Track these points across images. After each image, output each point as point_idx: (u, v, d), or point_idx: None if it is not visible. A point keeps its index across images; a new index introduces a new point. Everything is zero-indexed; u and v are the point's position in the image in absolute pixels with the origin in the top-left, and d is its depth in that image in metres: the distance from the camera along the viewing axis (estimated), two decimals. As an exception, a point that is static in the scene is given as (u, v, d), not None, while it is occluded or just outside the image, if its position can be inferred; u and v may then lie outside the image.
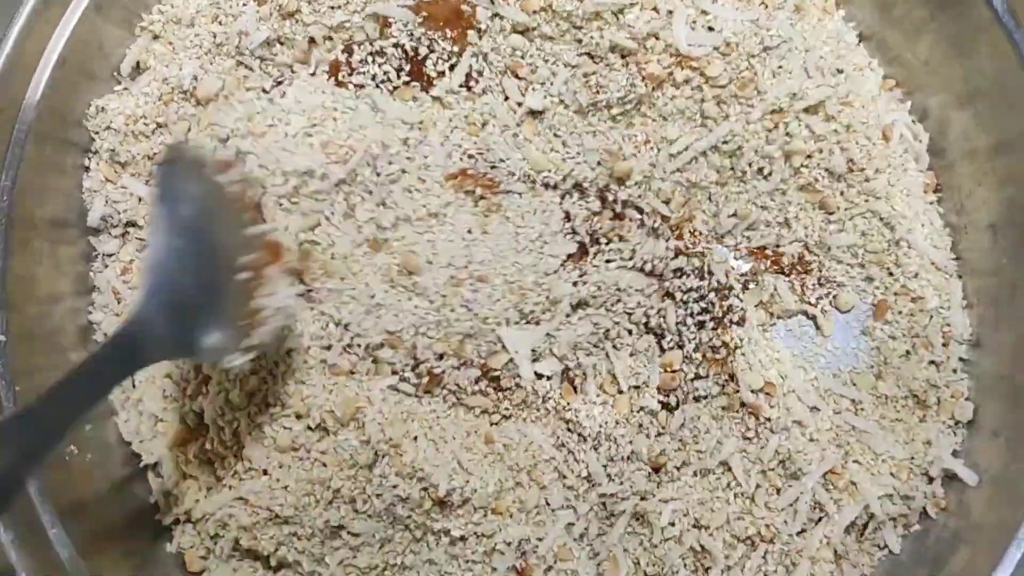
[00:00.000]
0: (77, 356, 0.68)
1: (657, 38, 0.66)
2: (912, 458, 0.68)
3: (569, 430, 0.67)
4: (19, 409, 0.58)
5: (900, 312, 0.70)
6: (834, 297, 0.71)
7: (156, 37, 0.71)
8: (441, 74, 0.68)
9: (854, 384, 0.70)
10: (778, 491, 0.67)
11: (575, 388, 0.68)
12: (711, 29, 0.67)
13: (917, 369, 0.69)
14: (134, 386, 0.69)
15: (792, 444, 0.67)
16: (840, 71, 0.69)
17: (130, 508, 0.69)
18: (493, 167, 0.66)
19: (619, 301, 0.67)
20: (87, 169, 0.70)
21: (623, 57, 0.67)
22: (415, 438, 0.64)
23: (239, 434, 0.65)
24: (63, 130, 0.68)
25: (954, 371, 0.69)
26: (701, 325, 0.68)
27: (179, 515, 0.68)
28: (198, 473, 0.67)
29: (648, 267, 0.67)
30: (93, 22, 0.67)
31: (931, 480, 0.68)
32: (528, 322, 0.66)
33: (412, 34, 0.68)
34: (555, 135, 0.68)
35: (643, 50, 0.66)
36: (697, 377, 0.68)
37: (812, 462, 0.67)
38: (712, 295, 0.68)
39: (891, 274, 0.70)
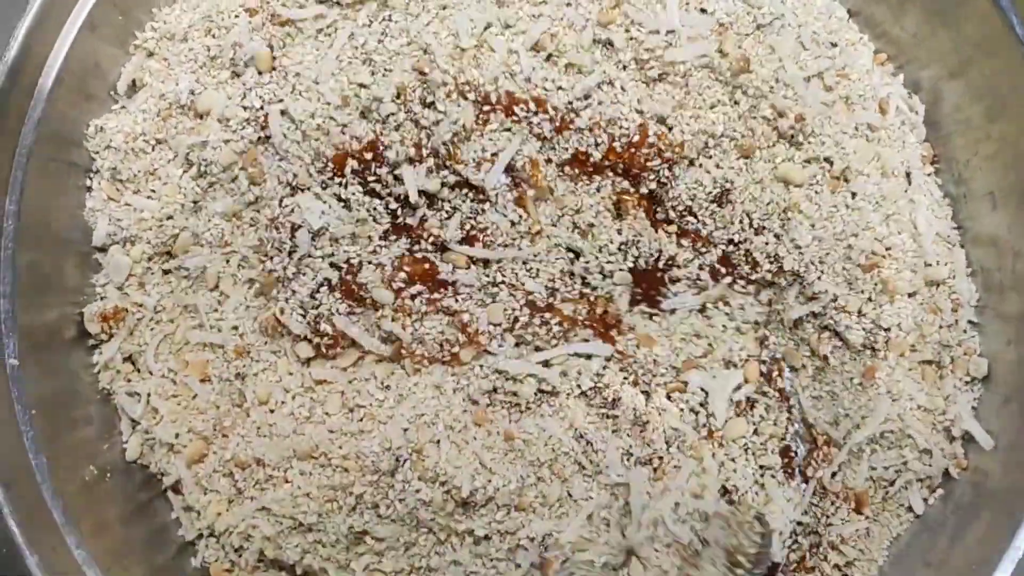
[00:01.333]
0: (88, 378, 0.68)
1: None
2: (934, 412, 0.68)
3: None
4: None
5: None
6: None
7: (151, 54, 0.71)
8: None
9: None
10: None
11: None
12: (703, 11, 0.67)
13: (930, 333, 0.69)
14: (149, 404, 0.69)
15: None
16: (834, 44, 0.70)
17: (154, 525, 0.68)
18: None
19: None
20: (89, 189, 0.70)
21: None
22: (437, 441, 0.64)
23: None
24: (64, 151, 0.68)
25: (964, 331, 0.70)
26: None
27: (202, 529, 0.68)
28: (219, 487, 0.67)
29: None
30: (88, 42, 0.67)
31: (952, 440, 0.69)
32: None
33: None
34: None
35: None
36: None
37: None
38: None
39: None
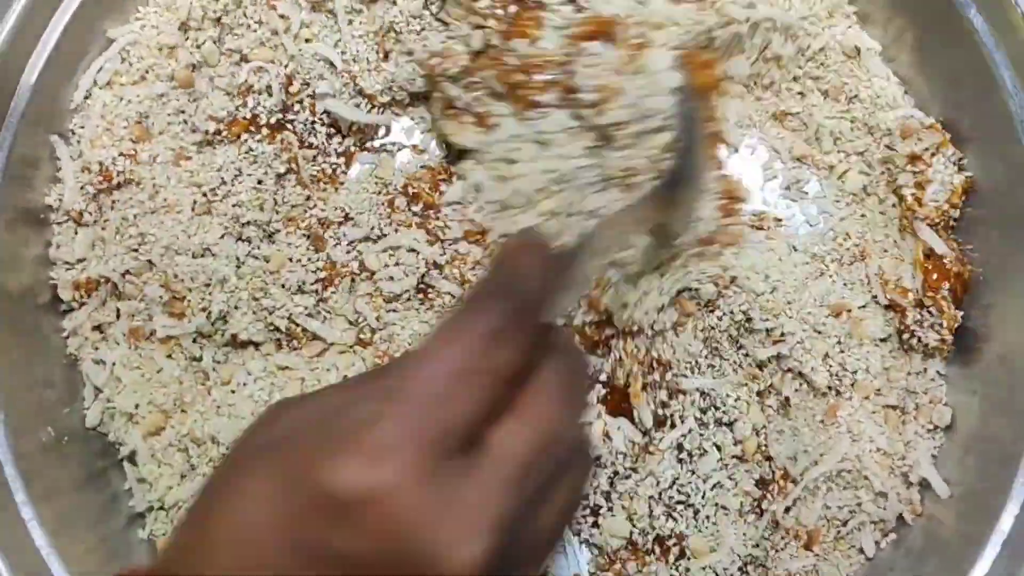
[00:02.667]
0: (56, 342, 0.70)
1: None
2: (893, 456, 0.68)
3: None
4: None
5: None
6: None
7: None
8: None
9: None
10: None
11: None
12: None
13: (897, 379, 0.69)
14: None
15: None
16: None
17: (106, 494, 0.69)
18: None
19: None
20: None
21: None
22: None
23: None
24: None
25: (932, 379, 0.70)
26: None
27: (152, 502, 0.68)
28: (172, 461, 0.68)
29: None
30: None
31: (909, 485, 0.68)
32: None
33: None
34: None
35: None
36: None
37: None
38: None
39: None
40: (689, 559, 0.67)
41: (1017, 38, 0.65)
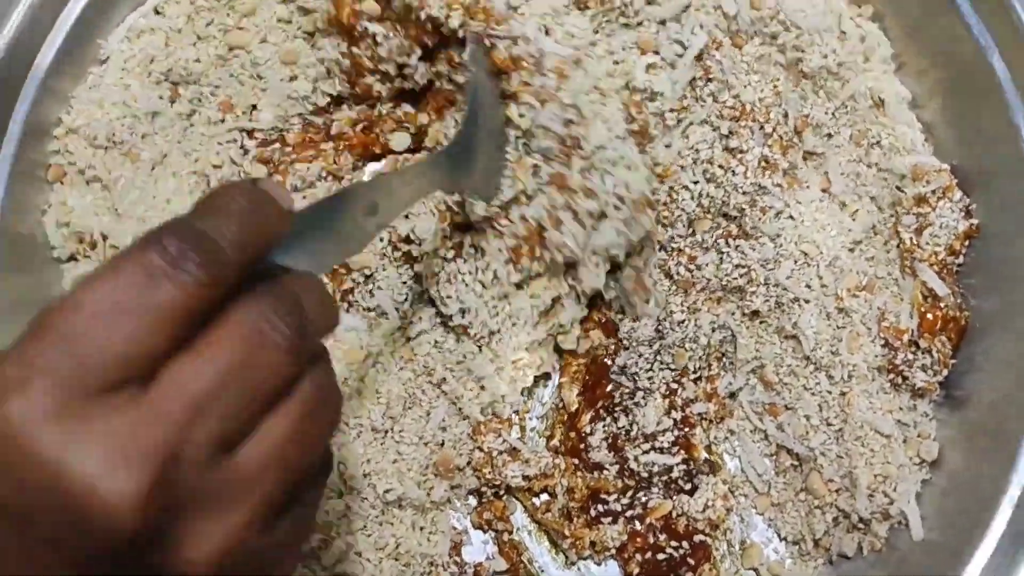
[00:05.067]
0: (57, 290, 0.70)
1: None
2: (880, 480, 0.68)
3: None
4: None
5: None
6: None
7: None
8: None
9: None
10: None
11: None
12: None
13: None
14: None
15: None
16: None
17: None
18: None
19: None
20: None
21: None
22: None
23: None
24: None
25: (924, 414, 0.69)
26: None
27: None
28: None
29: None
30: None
31: (887, 517, 0.68)
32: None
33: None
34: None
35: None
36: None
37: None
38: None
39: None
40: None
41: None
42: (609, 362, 0.71)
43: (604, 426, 0.70)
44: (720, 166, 0.70)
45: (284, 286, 0.37)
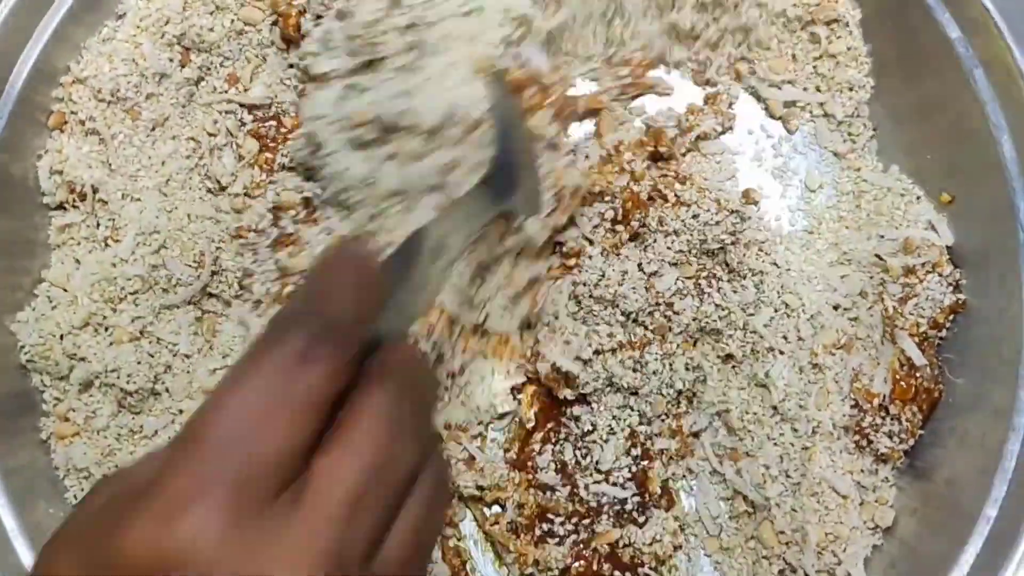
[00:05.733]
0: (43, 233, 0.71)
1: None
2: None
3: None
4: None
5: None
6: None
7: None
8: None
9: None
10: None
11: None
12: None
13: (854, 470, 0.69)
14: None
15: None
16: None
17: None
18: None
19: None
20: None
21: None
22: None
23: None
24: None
25: (885, 479, 0.69)
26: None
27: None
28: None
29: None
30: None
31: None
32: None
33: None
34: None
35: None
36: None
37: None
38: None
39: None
40: None
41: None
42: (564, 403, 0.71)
43: (554, 451, 0.70)
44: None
45: (401, 365, 0.37)
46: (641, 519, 0.69)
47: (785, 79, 0.75)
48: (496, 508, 0.72)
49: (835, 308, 0.71)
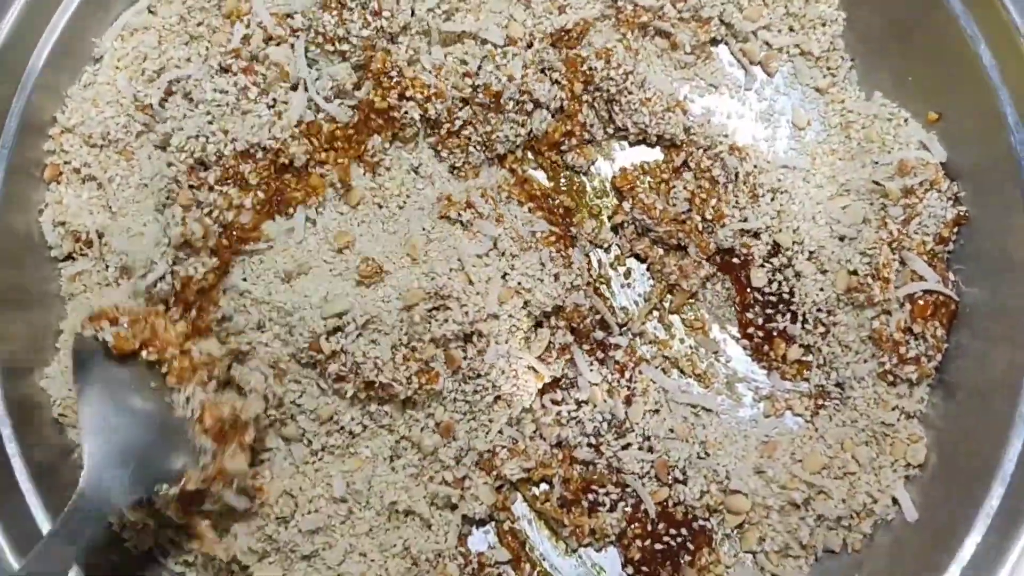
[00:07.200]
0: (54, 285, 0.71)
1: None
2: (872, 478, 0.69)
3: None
4: None
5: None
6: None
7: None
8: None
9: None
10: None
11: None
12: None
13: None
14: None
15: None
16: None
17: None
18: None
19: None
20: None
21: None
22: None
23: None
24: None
25: (910, 417, 0.70)
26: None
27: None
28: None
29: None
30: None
31: (870, 514, 0.69)
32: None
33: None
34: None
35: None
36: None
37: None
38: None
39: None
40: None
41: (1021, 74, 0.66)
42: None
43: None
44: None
45: None
46: (683, 477, 0.70)
47: (760, 25, 0.76)
48: (544, 486, 0.72)
49: (840, 239, 0.72)
